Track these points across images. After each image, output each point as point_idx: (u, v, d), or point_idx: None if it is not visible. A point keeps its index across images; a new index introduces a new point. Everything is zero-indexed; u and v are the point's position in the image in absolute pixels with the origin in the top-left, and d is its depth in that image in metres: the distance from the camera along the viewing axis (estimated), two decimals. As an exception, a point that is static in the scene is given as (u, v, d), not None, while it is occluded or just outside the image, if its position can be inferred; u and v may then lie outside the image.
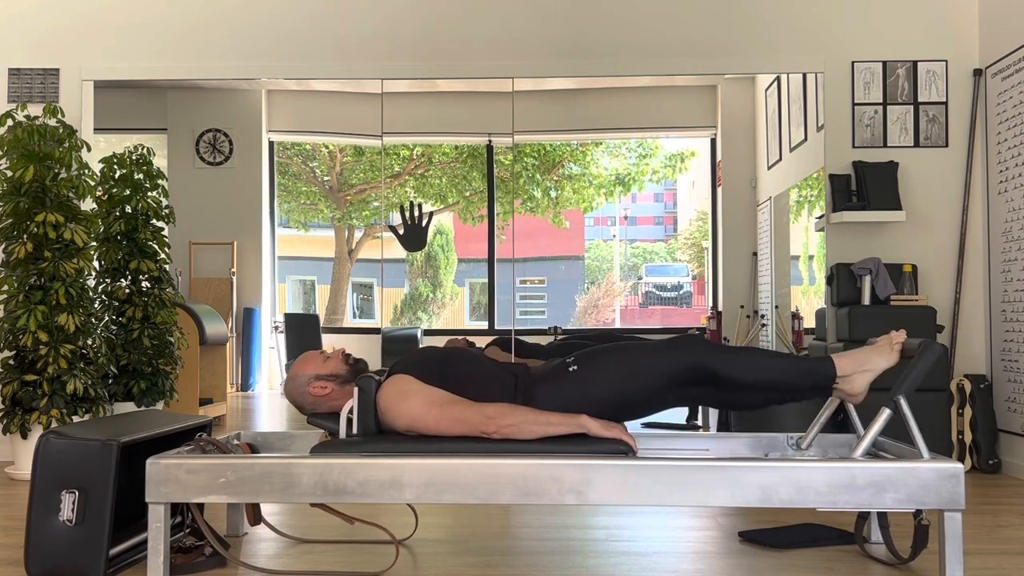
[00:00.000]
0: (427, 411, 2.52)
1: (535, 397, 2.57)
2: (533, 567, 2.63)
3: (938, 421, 4.11)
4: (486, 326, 5.69)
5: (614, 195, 5.92)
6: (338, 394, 2.70)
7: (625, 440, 2.46)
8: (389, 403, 2.57)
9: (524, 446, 2.46)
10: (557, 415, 2.49)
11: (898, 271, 4.38)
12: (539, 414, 2.49)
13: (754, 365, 2.48)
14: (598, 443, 2.46)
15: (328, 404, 2.70)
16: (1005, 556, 2.74)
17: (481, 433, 2.48)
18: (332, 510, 2.78)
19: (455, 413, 2.50)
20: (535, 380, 2.62)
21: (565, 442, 2.47)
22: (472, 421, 2.49)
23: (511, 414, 2.48)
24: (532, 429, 2.46)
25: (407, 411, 2.54)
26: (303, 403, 2.73)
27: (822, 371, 2.50)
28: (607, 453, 2.42)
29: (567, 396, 2.55)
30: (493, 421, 2.47)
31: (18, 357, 4.16)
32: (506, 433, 2.47)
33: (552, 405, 2.54)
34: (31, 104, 4.68)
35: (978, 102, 4.52)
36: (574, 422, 2.47)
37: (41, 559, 2.44)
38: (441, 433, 2.51)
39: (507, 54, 4.70)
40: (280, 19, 4.73)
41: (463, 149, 5.84)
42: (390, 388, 2.59)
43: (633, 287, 6.30)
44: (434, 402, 2.53)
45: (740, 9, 4.65)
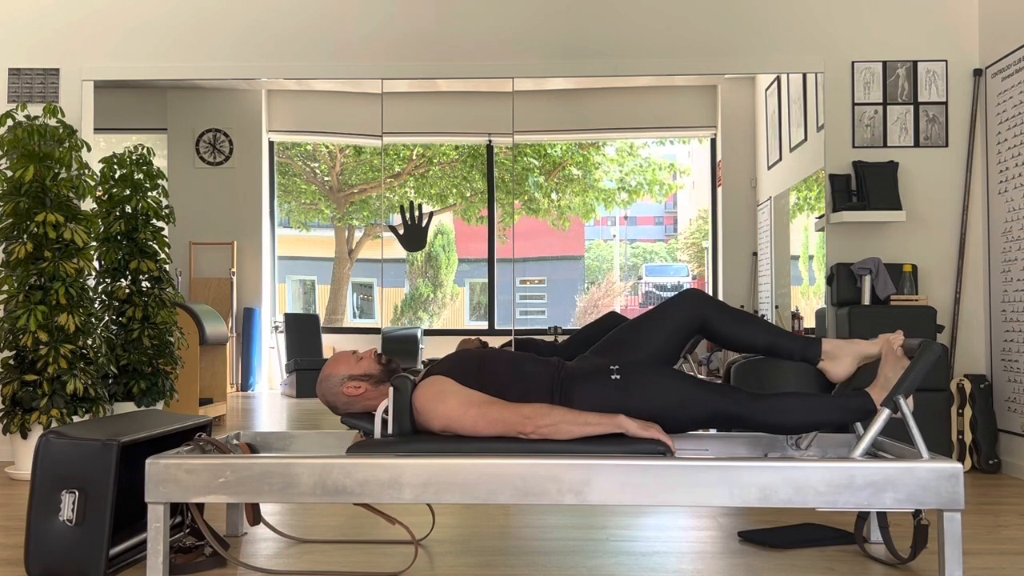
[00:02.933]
0: (464, 412, 2.52)
1: (572, 396, 2.58)
2: (533, 567, 2.63)
3: (938, 421, 4.11)
4: (486, 326, 5.69)
5: (614, 203, 5.93)
6: (372, 394, 2.69)
7: (663, 440, 2.47)
8: (426, 404, 2.57)
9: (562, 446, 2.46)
10: (595, 415, 2.49)
11: (898, 271, 4.38)
12: (576, 414, 2.49)
13: (791, 414, 2.54)
14: (635, 443, 2.46)
15: (362, 404, 2.70)
16: (1005, 556, 2.74)
17: (518, 433, 2.48)
18: (375, 510, 2.78)
19: (492, 414, 2.51)
20: (572, 378, 2.62)
21: (603, 442, 2.47)
22: (509, 421, 2.49)
23: (548, 414, 2.48)
24: (570, 429, 2.47)
25: (444, 412, 2.54)
26: (336, 403, 2.72)
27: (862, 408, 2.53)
28: (645, 453, 2.42)
29: (605, 401, 2.55)
30: (530, 421, 2.47)
31: (18, 357, 4.16)
32: (543, 433, 2.47)
33: (588, 406, 2.55)
34: (31, 104, 4.68)
35: (978, 102, 4.52)
36: (612, 422, 2.48)
37: (41, 559, 2.44)
38: (478, 434, 2.52)
39: (507, 54, 4.70)
40: (280, 19, 4.73)
41: (463, 149, 5.84)
42: (427, 389, 2.59)
43: (633, 287, 6.29)
44: (471, 403, 2.54)
45: (740, 9, 4.65)
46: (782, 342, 2.66)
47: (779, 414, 2.53)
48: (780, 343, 2.66)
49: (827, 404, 2.55)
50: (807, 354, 2.65)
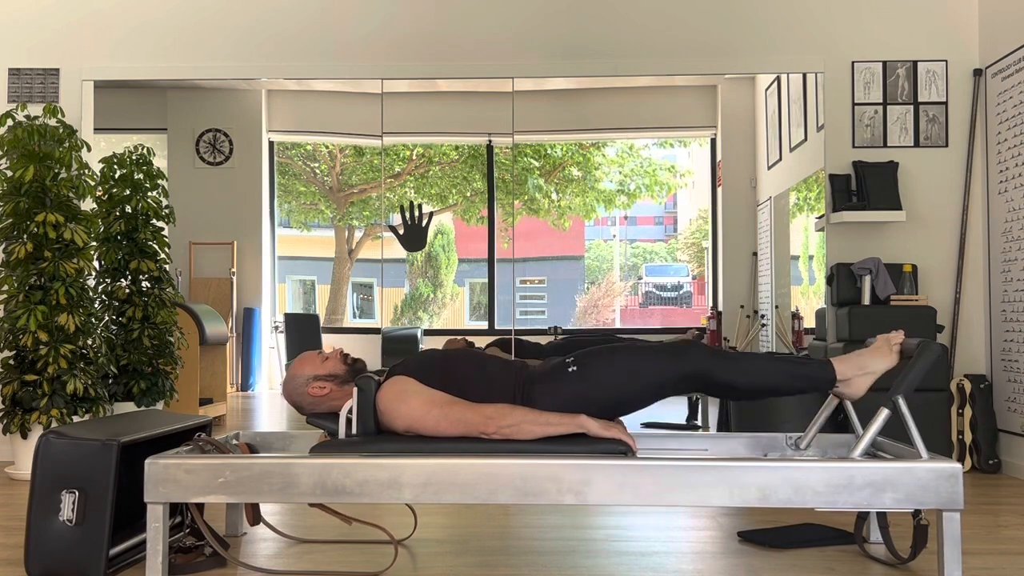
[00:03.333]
0: (427, 412, 2.53)
1: (533, 396, 2.58)
2: (533, 567, 2.63)
3: (938, 421, 4.11)
4: (486, 326, 5.69)
5: (614, 204, 5.93)
6: (337, 394, 2.70)
7: (624, 440, 2.47)
8: (389, 404, 2.57)
9: (523, 446, 2.47)
10: (556, 415, 2.49)
11: (898, 271, 4.38)
12: (538, 414, 2.49)
13: (753, 372, 2.50)
14: (597, 443, 2.46)
15: (327, 404, 2.71)
16: (1005, 556, 2.74)
17: (480, 433, 2.49)
18: (330, 510, 2.79)
19: (454, 414, 2.51)
20: (534, 379, 2.62)
21: (564, 442, 2.48)
22: (471, 422, 2.49)
23: (510, 414, 2.48)
24: (531, 429, 2.47)
25: (407, 412, 2.55)
26: (302, 403, 2.73)
27: (822, 376, 2.52)
28: (606, 453, 2.42)
29: (565, 396, 2.55)
30: (492, 422, 2.48)
31: (18, 357, 4.16)
32: (505, 434, 2.47)
33: (550, 404, 2.55)
34: (31, 104, 4.68)
35: (978, 102, 4.52)
36: (573, 422, 2.48)
37: (41, 559, 2.44)
38: (440, 434, 2.52)
39: (507, 54, 4.70)
40: (280, 19, 4.73)
41: (463, 149, 5.84)
42: (390, 389, 2.60)
43: (633, 287, 6.29)
44: (434, 403, 2.54)
45: (740, 9, 4.65)
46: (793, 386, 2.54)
47: (738, 373, 2.48)
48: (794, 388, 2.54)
49: (787, 370, 2.50)
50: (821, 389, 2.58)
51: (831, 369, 2.51)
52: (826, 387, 2.53)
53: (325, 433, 2.71)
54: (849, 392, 2.54)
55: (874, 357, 2.54)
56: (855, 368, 2.53)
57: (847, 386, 2.53)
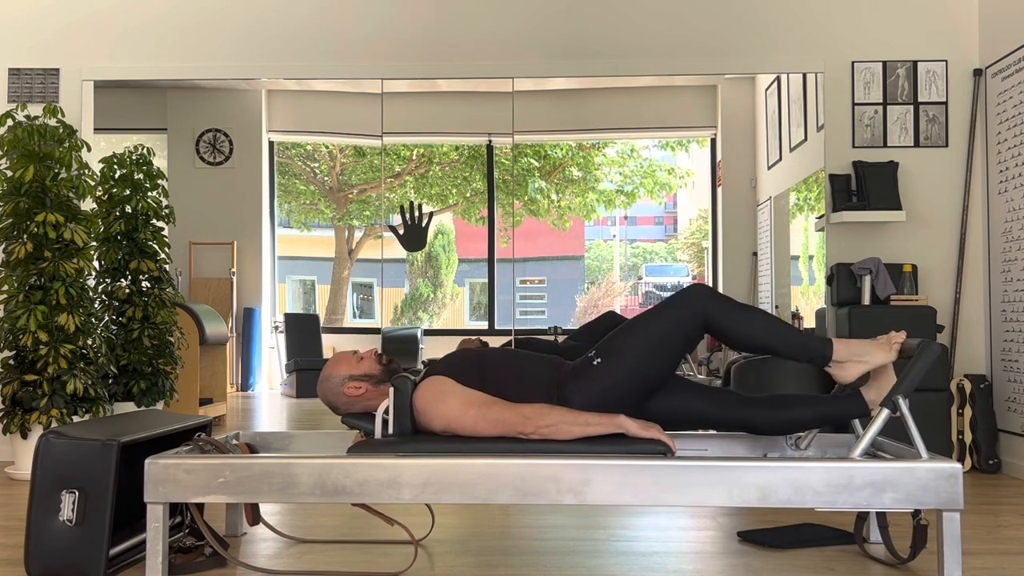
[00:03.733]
0: (464, 412, 2.53)
1: (568, 395, 2.57)
2: (533, 567, 2.63)
3: (938, 421, 4.11)
4: (486, 326, 5.69)
5: (614, 205, 5.93)
6: (373, 394, 2.69)
7: (662, 440, 2.47)
8: (426, 404, 2.57)
9: (563, 446, 2.46)
10: (595, 415, 2.49)
11: (898, 271, 4.38)
12: (576, 414, 2.49)
13: (754, 326, 2.52)
14: (636, 443, 2.46)
15: (362, 404, 2.70)
16: (1005, 556, 2.74)
17: (519, 434, 2.49)
18: (372, 510, 2.78)
19: (492, 414, 2.51)
20: (567, 377, 2.62)
21: (603, 442, 2.47)
22: (509, 422, 2.49)
23: (548, 414, 2.48)
24: (570, 429, 2.47)
25: (444, 412, 2.55)
26: (337, 403, 2.72)
27: (818, 350, 2.54)
28: (645, 453, 2.42)
29: (596, 389, 2.55)
30: (531, 422, 2.47)
31: (18, 357, 4.16)
32: (544, 434, 2.47)
33: (583, 401, 2.54)
34: (31, 104, 4.68)
35: (978, 102, 4.52)
36: (612, 422, 2.48)
37: (41, 559, 2.44)
38: (478, 434, 2.52)
39: (507, 54, 4.70)
40: (280, 19, 4.73)
41: (463, 149, 5.84)
42: (427, 389, 2.60)
43: (633, 287, 6.29)
44: (472, 403, 2.54)
45: (740, 9, 4.65)
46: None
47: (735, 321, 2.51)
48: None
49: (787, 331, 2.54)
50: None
51: (830, 347, 2.53)
52: (820, 363, 2.55)
53: (361, 433, 2.70)
54: (840, 375, 2.56)
55: (872, 348, 2.56)
56: (851, 353, 2.55)
57: (839, 368, 2.55)
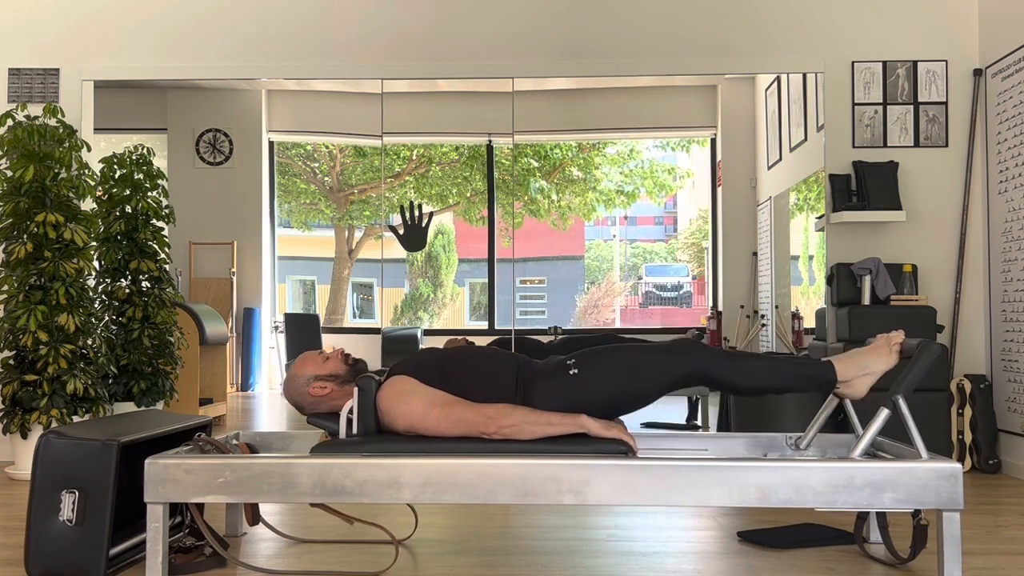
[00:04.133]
0: (427, 412, 2.53)
1: (533, 395, 2.58)
2: (533, 567, 2.63)
3: (938, 421, 4.11)
4: (486, 326, 5.69)
5: (614, 204, 5.93)
6: (338, 394, 2.70)
7: (625, 440, 2.47)
8: (389, 404, 2.57)
9: (524, 446, 2.47)
10: (557, 415, 2.49)
11: (898, 271, 4.38)
12: (539, 414, 2.49)
13: (754, 372, 2.50)
14: (598, 443, 2.46)
15: (328, 404, 2.71)
16: (1005, 556, 2.74)
17: (481, 434, 2.49)
18: (331, 510, 2.79)
19: (455, 414, 2.51)
20: (534, 377, 2.62)
21: (565, 442, 2.48)
22: (472, 422, 2.49)
23: (511, 414, 2.48)
24: (532, 430, 2.47)
25: (407, 412, 2.55)
26: (303, 403, 2.73)
27: (823, 377, 2.52)
28: (607, 453, 2.42)
29: (565, 396, 2.55)
30: (493, 422, 2.48)
31: (18, 357, 4.16)
32: (506, 434, 2.47)
33: (550, 404, 2.55)
34: (31, 104, 4.68)
35: (978, 102, 4.52)
36: (574, 422, 2.48)
37: (41, 559, 2.44)
38: (441, 434, 2.52)
39: (507, 54, 4.70)
40: (280, 19, 4.73)
41: (463, 149, 5.84)
42: (391, 389, 2.60)
43: (633, 287, 6.30)
44: (434, 403, 2.54)
45: (740, 9, 4.65)
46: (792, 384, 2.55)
47: (739, 374, 2.50)
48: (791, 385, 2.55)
49: (788, 371, 2.52)
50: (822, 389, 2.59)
51: (832, 370, 2.51)
52: (827, 388, 2.54)
53: (326, 433, 2.71)
54: (850, 392, 2.55)
55: (874, 357, 2.54)
56: (856, 368, 2.53)
57: (848, 387, 2.54)
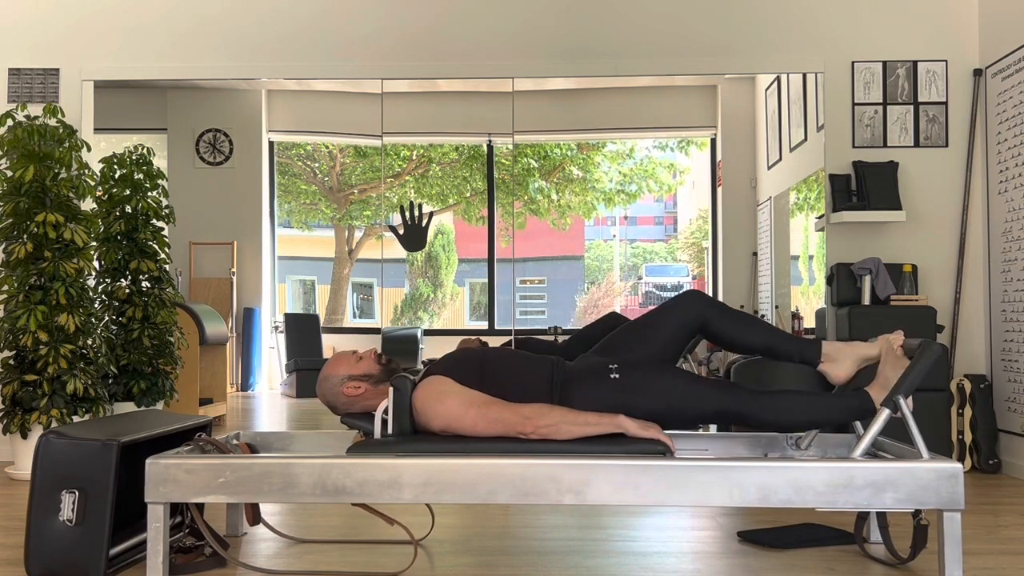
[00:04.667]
0: (464, 412, 2.53)
1: (571, 396, 2.58)
2: (533, 567, 2.63)
3: (938, 421, 4.11)
4: (486, 326, 5.69)
5: (615, 203, 5.93)
6: (372, 394, 2.69)
7: (662, 440, 2.47)
8: (425, 404, 2.57)
9: (562, 446, 2.46)
10: (594, 415, 2.49)
11: (898, 271, 4.38)
12: (576, 414, 2.49)
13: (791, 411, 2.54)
14: (635, 443, 2.46)
15: (362, 404, 2.70)
16: (1005, 556, 2.74)
17: (518, 433, 2.49)
18: (372, 510, 2.78)
19: (492, 414, 2.51)
20: (572, 377, 2.62)
21: (602, 442, 2.47)
22: (509, 421, 2.49)
23: (548, 414, 2.48)
24: (570, 429, 2.47)
25: (444, 412, 2.55)
26: (336, 403, 2.72)
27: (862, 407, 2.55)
28: (644, 453, 2.42)
29: (604, 401, 2.56)
30: (530, 421, 2.47)
31: (18, 357, 4.16)
32: (543, 433, 2.47)
33: (588, 407, 2.55)
34: (31, 104, 4.68)
35: (978, 102, 4.52)
36: (612, 422, 2.48)
37: (41, 559, 2.44)
38: (478, 434, 2.52)
39: (507, 54, 4.70)
40: (280, 19, 4.73)
41: (463, 149, 5.84)
42: (427, 389, 2.60)
43: (633, 287, 6.29)
44: (471, 403, 2.54)
45: (740, 9, 4.65)
46: (781, 344, 2.67)
47: (779, 412, 2.54)
48: (779, 345, 2.67)
49: (826, 403, 2.56)
50: (806, 356, 2.66)
51: (869, 399, 2.54)
52: (867, 416, 2.55)
53: (360, 433, 2.70)
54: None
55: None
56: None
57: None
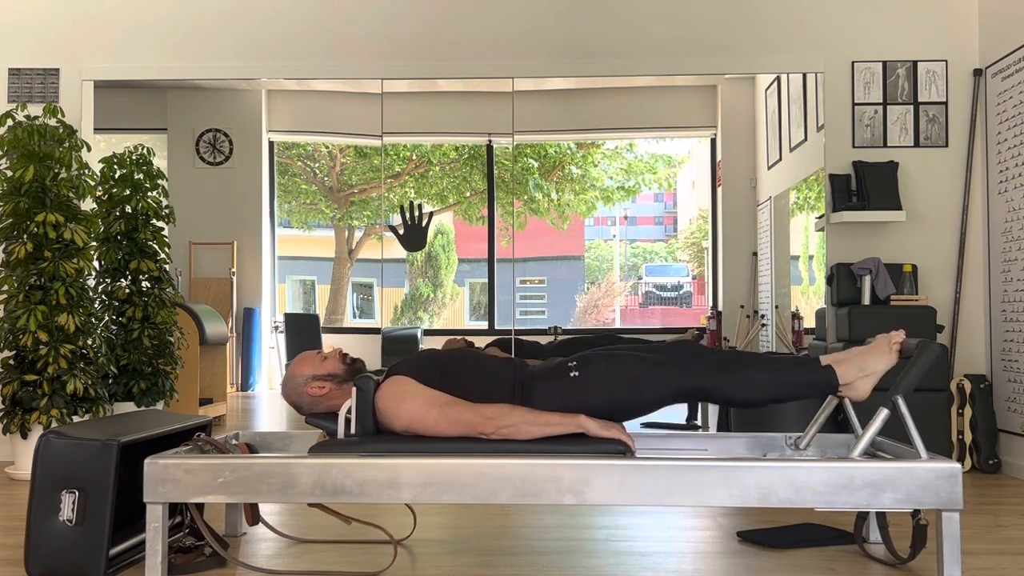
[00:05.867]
0: (426, 412, 2.53)
1: (532, 395, 2.58)
2: (533, 567, 2.63)
3: (938, 421, 4.11)
4: (486, 326, 5.69)
5: (614, 201, 5.94)
6: (336, 394, 2.70)
7: (623, 440, 2.47)
8: (388, 404, 2.57)
9: (522, 446, 2.47)
10: (556, 415, 2.50)
11: (898, 271, 4.38)
12: (537, 414, 2.49)
13: (756, 385, 2.50)
14: (596, 443, 2.47)
15: (326, 404, 2.71)
16: (1005, 556, 2.74)
17: (479, 434, 2.49)
18: (329, 510, 2.79)
19: (453, 414, 2.51)
20: (533, 377, 2.62)
21: (563, 442, 2.48)
22: (470, 422, 2.50)
23: (509, 415, 2.48)
24: (530, 430, 2.48)
25: (406, 412, 2.55)
26: (301, 403, 2.73)
27: (826, 382, 2.52)
28: (606, 453, 2.42)
29: (565, 398, 2.56)
30: (491, 422, 2.48)
31: (18, 357, 4.16)
32: (504, 434, 2.48)
33: (549, 405, 2.55)
34: (31, 104, 4.68)
35: (978, 102, 4.52)
36: (572, 422, 2.49)
37: (41, 559, 2.44)
38: (440, 434, 2.52)
39: (507, 54, 4.70)
40: (280, 19, 4.73)
41: (463, 149, 5.85)
42: (389, 389, 2.60)
43: (633, 287, 6.30)
44: (433, 403, 2.54)
45: (740, 9, 4.65)
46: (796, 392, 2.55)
47: (743, 389, 2.50)
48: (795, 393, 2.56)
49: (792, 379, 2.51)
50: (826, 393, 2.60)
51: (834, 374, 2.51)
52: (830, 391, 2.54)
53: (324, 433, 2.71)
54: (853, 395, 2.54)
55: (874, 356, 2.54)
56: (856, 370, 2.52)
57: (850, 389, 2.53)
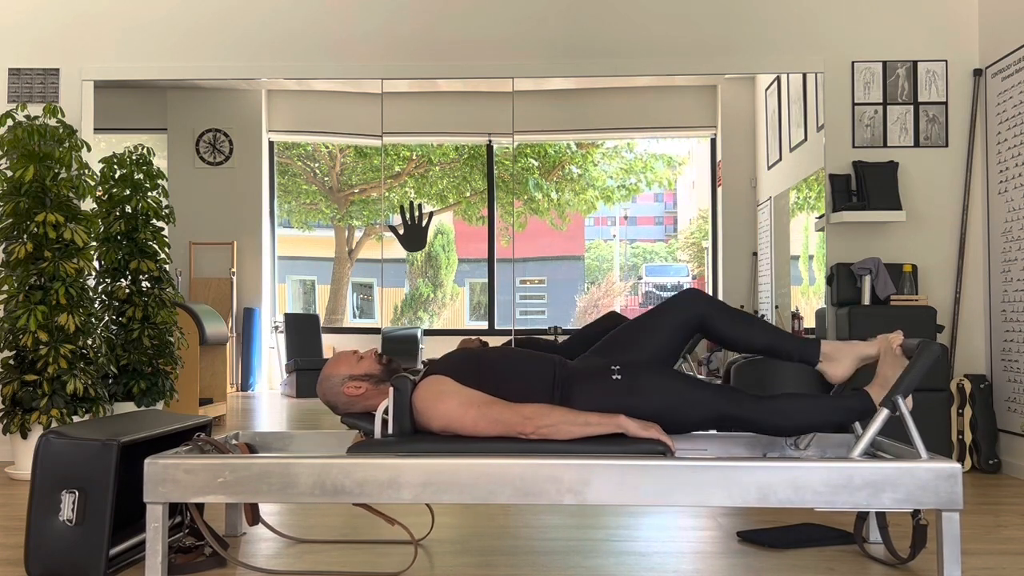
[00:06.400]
0: (464, 412, 2.52)
1: (573, 396, 2.58)
2: (533, 567, 2.63)
3: (938, 421, 4.11)
4: (486, 326, 5.70)
5: (614, 200, 5.94)
6: (372, 394, 2.69)
7: (662, 440, 2.47)
8: (425, 404, 2.57)
9: (562, 446, 2.46)
10: (595, 415, 2.49)
11: (898, 271, 4.38)
12: (577, 414, 2.49)
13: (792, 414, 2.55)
14: (636, 443, 2.46)
15: (362, 404, 2.70)
16: (1005, 556, 2.74)
17: (518, 434, 2.48)
18: (373, 510, 2.78)
19: (492, 414, 2.51)
20: (573, 377, 2.62)
21: (603, 442, 2.47)
22: (509, 422, 2.49)
23: (549, 414, 2.48)
24: (570, 430, 2.47)
25: (444, 412, 2.54)
26: (337, 403, 2.72)
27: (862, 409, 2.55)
28: (645, 453, 2.42)
29: (606, 401, 2.55)
30: (531, 422, 2.47)
31: (18, 357, 4.16)
32: (544, 434, 2.47)
33: (590, 406, 2.55)
34: (31, 104, 4.68)
35: (978, 102, 4.52)
36: (612, 422, 2.48)
37: (41, 559, 2.44)
38: (478, 434, 2.52)
39: (507, 54, 4.70)
40: (280, 19, 4.73)
41: (463, 149, 5.85)
42: (427, 389, 2.59)
43: (633, 287, 6.30)
44: (471, 403, 2.54)
45: (740, 9, 4.65)
46: (781, 343, 2.67)
47: (779, 416, 2.54)
48: (779, 344, 2.67)
49: (826, 405, 2.56)
50: (805, 355, 2.66)
51: (869, 399, 2.53)
52: (867, 417, 2.54)
53: (360, 433, 2.70)
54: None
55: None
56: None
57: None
